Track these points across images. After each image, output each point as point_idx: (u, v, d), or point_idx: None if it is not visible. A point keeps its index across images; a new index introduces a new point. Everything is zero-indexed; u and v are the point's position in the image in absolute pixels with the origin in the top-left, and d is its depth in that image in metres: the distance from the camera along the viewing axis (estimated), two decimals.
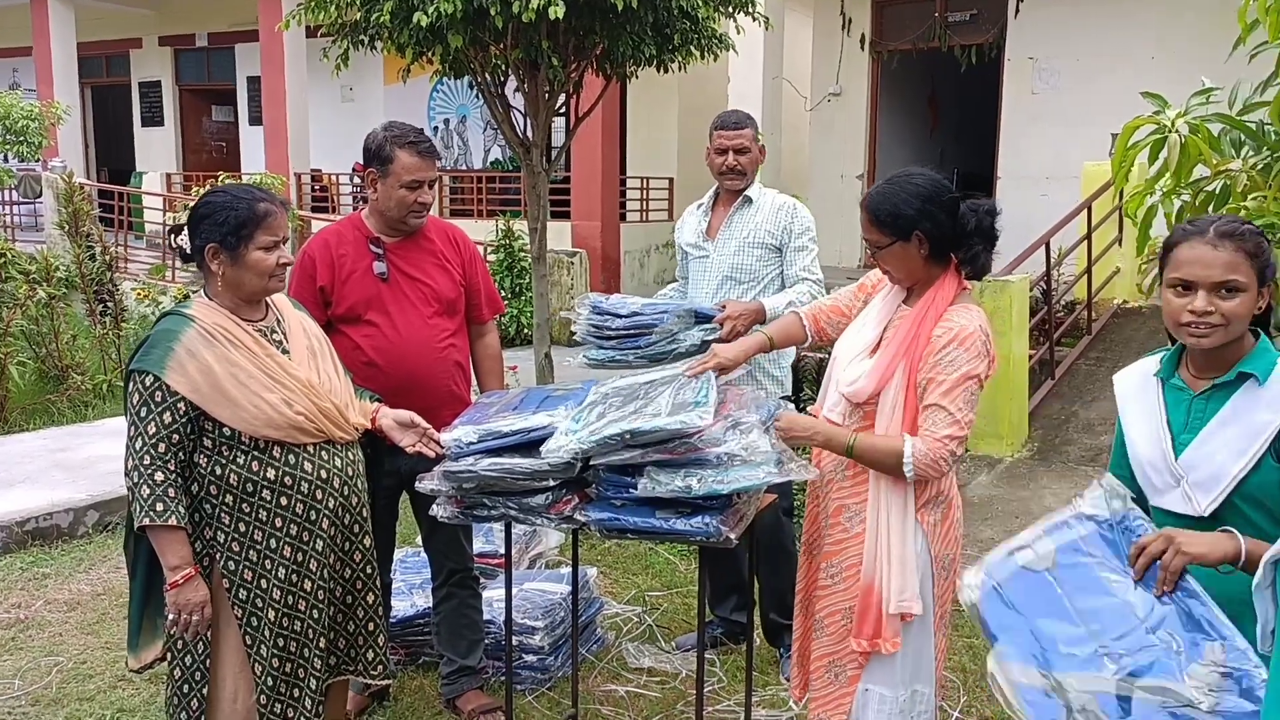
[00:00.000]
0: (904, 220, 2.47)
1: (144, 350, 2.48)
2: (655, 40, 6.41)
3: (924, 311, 2.49)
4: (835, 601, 2.59)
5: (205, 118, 17.95)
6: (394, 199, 3.23)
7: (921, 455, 2.39)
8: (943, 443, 2.39)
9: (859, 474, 2.55)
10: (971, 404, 2.42)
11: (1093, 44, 10.27)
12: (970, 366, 2.40)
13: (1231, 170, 3.00)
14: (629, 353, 3.23)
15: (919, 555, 2.48)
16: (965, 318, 2.45)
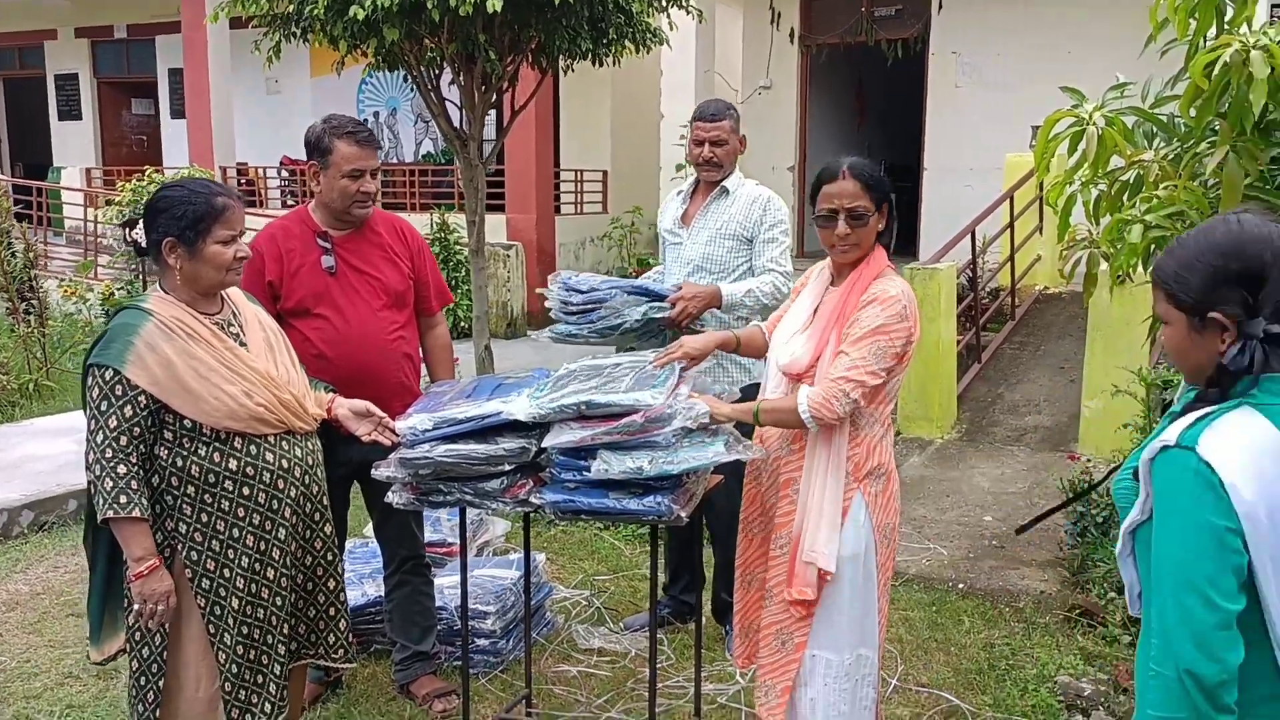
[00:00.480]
0: (885, 190, 2.69)
1: (102, 345, 2.49)
2: (591, 34, 6.49)
3: (851, 285, 2.66)
4: (784, 569, 2.70)
5: (125, 111, 17.52)
6: (336, 189, 3.26)
7: (815, 396, 2.53)
8: (836, 383, 2.52)
9: (802, 447, 2.67)
10: (878, 356, 2.54)
11: (1013, 40, 10.58)
12: (883, 322, 2.55)
13: (1144, 161, 3.16)
14: (584, 327, 3.33)
15: (861, 525, 2.61)
16: (889, 285, 2.62)
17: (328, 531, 2.80)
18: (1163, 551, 1.59)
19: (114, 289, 9.40)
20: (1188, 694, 1.53)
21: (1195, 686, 1.53)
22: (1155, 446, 1.64)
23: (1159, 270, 1.73)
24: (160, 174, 10.39)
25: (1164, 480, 1.61)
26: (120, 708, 3.55)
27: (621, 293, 3.37)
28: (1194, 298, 1.66)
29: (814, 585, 2.60)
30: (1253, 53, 2.78)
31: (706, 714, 3.49)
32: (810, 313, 2.76)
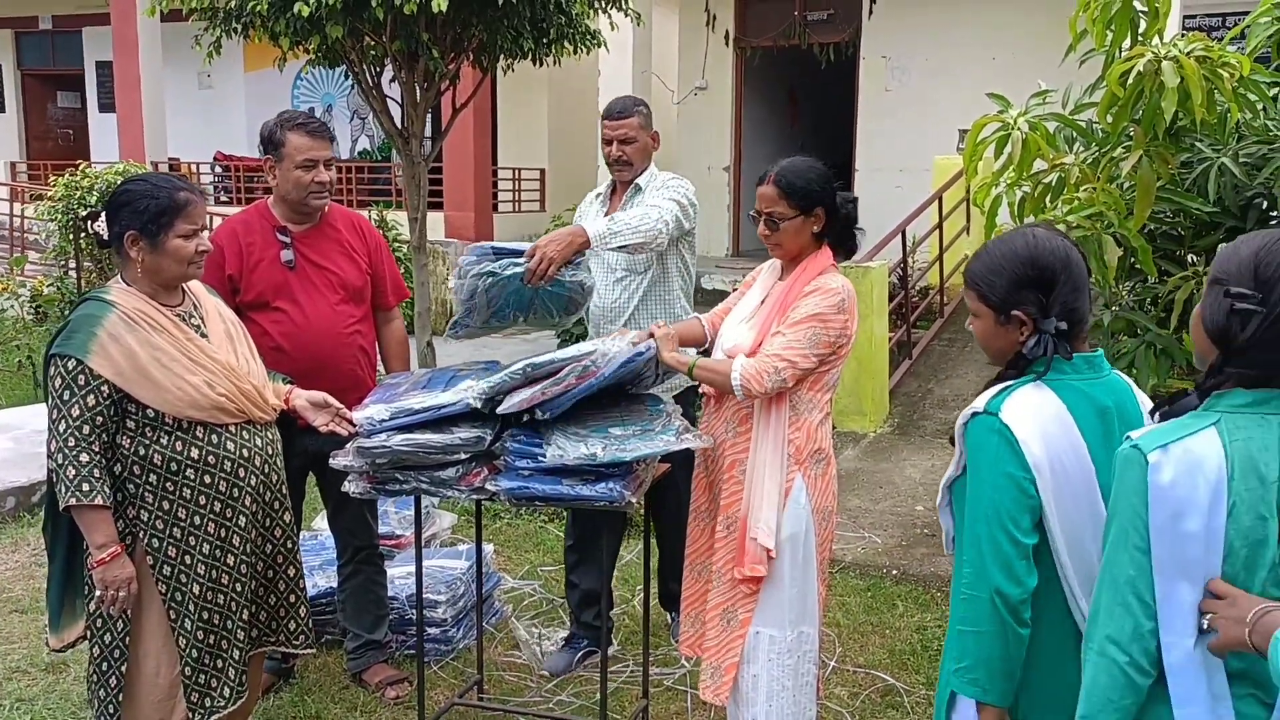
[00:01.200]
0: (812, 197, 2.78)
1: (65, 335, 2.53)
2: (532, 34, 6.58)
3: (796, 278, 2.81)
4: (730, 550, 2.83)
5: (50, 104, 17.12)
6: (291, 181, 3.32)
7: (748, 368, 2.67)
8: (769, 359, 2.67)
9: (748, 430, 2.80)
10: (812, 342, 2.69)
11: (940, 46, 10.87)
12: (820, 310, 2.70)
13: (1065, 164, 3.35)
14: (473, 316, 3.15)
15: (801, 506, 2.75)
16: (831, 279, 2.77)
17: (287, 520, 2.86)
18: (975, 496, 1.88)
19: (45, 286, 9.22)
20: (996, 610, 1.83)
21: (1003, 604, 1.83)
22: (967, 413, 1.93)
23: (970, 272, 2.02)
24: (89, 168, 10.19)
25: (974, 439, 1.91)
26: (71, 700, 3.55)
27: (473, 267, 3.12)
28: (999, 297, 1.96)
29: (765, 562, 2.72)
30: (1164, 63, 2.98)
31: (653, 696, 3.61)
32: (758, 304, 2.90)
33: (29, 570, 4.70)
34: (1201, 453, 1.59)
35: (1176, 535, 1.59)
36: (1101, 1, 3.29)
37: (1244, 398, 1.62)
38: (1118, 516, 1.65)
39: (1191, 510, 1.58)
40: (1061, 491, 1.85)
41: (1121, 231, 3.11)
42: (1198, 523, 1.57)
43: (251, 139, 15.25)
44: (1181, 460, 1.59)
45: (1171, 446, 1.60)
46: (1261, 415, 1.61)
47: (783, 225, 2.79)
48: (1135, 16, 3.32)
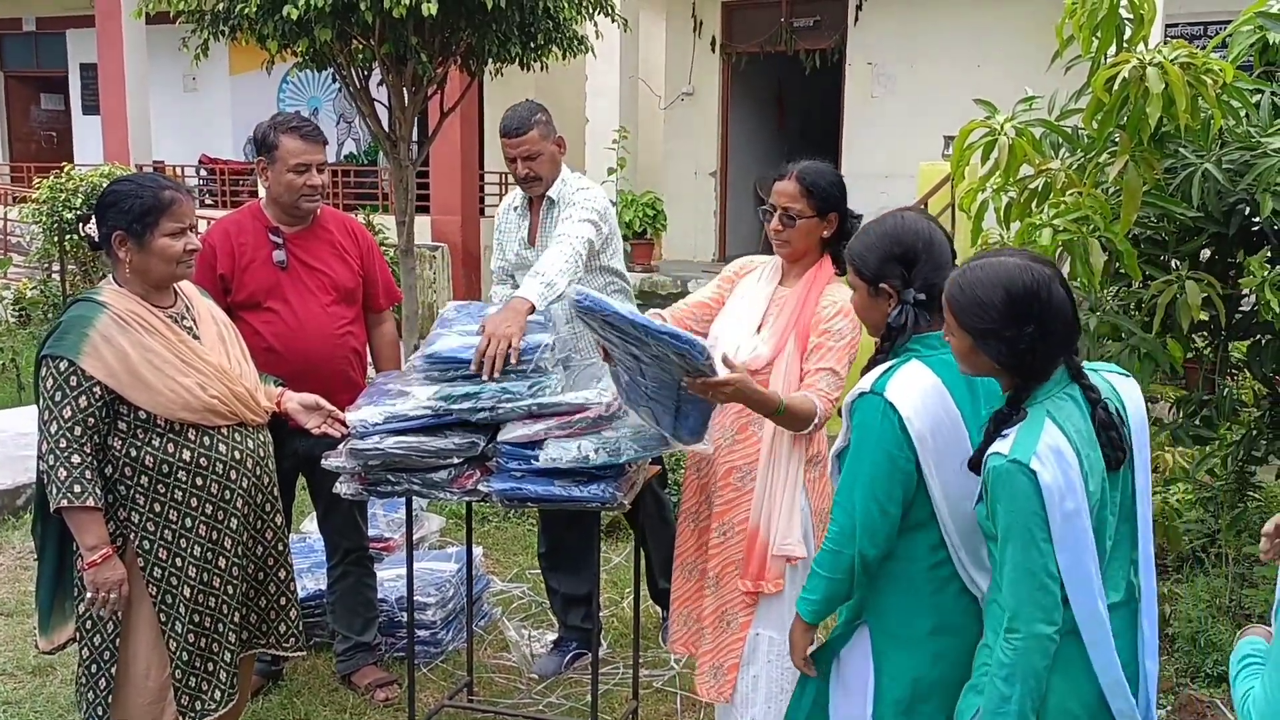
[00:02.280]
0: (830, 200, 2.78)
1: (57, 336, 2.52)
2: (520, 39, 6.59)
3: (808, 288, 2.78)
4: (728, 555, 2.83)
5: (34, 106, 17.02)
6: (283, 183, 3.33)
7: (822, 414, 2.68)
8: (834, 403, 2.69)
9: (747, 438, 2.80)
10: (847, 367, 2.72)
11: (925, 52, 10.94)
12: (853, 335, 2.71)
13: (1052, 169, 3.39)
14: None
15: (802, 508, 2.77)
16: (845, 294, 2.75)
17: (278, 522, 2.86)
18: (854, 468, 2.15)
19: (29, 289, 9.18)
20: (853, 566, 2.15)
21: (860, 563, 2.14)
22: (855, 392, 2.17)
23: (850, 251, 2.32)
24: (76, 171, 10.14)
25: (860, 416, 2.14)
26: (58, 703, 3.54)
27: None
28: (871, 271, 2.25)
29: (784, 577, 2.72)
30: (1149, 69, 3.02)
31: (643, 697, 3.62)
32: (760, 313, 2.85)
33: (14, 573, 4.68)
34: (1057, 444, 1.90)
35: (1065, 516, 1.89)
36: (1088, 8, 3.33)
37: (1050, 388, 1.98)
38: (1017, 523, 1.90)
39: (1069, 493, 1.89)
40: (942, 456, 2.10)
41: (1107, 236, 3.15)
42: (1075, 501, 1.90)
43: (237, 142, 15.23)
44: (1051, 458, 1.89)
45: (1039, 450, 1.89)
46: (1064, 393, 1.98)
47: (798, 223, 2.77)
48: (1121, 23, 3.37)
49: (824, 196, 2.77)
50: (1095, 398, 1.98)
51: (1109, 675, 1.97)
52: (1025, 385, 1.98)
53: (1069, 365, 2.00)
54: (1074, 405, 1.97)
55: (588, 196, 3.53)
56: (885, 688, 2.21)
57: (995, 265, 1.97)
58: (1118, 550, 2.03)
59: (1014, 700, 1.93)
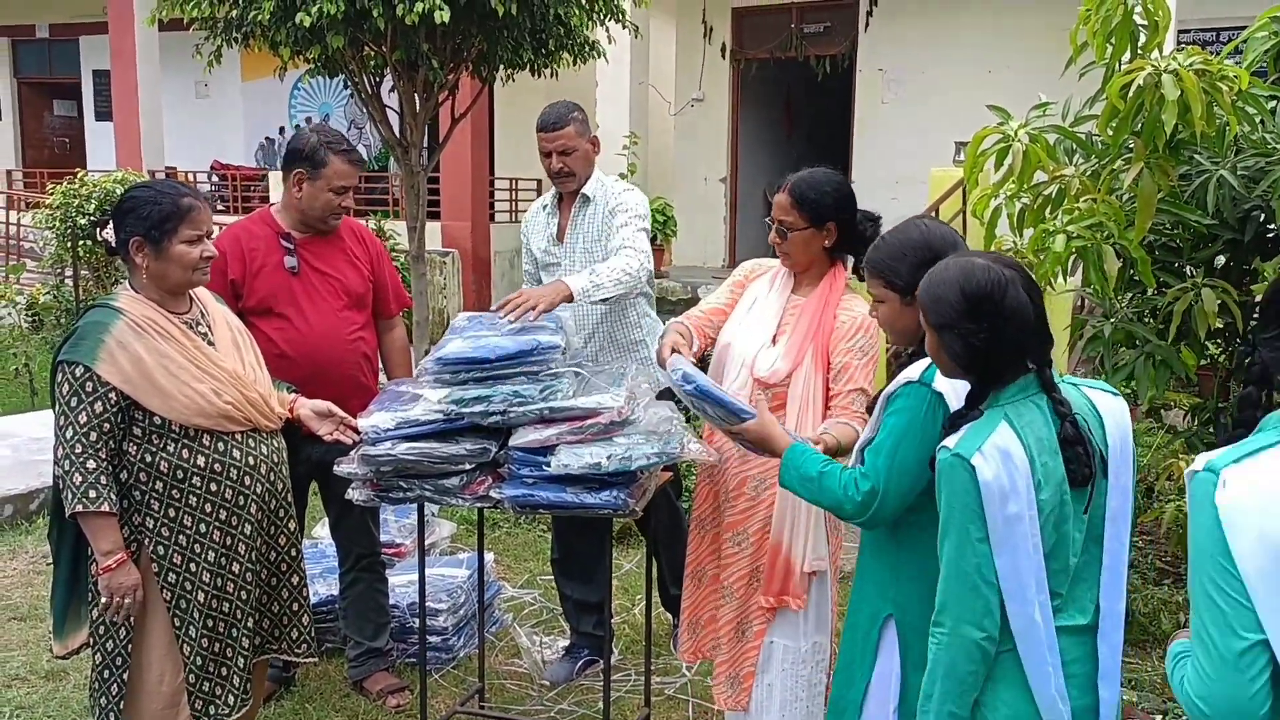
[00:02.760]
0: (824, 209, 2.75)
1: (72, 342, 2.53)
2: (531, 45, 6.60)
3: (823, 300, 2.76)
4: (743, 565, 2.82)
5: (47, 112, 17.11)
6: (320, 201, 3.37)
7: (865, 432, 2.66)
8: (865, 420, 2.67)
9: None
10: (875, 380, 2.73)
11: (936, 59, 10.92)
12: (875, 350, 2.71)
13: (1065, 176, 3.37)
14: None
15: (819, 519, 2.76)
16: (860, 305, 2.74)
17: (291, 528, 2.87)
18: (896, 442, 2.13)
19: (42, 294, 9.21)
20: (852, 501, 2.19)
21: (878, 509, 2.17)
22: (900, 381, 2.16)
23: (872, 262, 2.30)
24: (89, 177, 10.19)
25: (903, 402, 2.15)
26: (71, 707, 3.55)
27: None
28: (904, 281, 2.21)
29: (808, 594, 2.72)
30: (1164, 76, 3.01)
31: (655, 705, 3.61)
32: (775, 323, 2.83)
33: (27, 578, 4.69)
34: (1006, 445, 1.86)
35: (1006, 519, 1.85)
36: (1102, 15, 3.32)
37: (1011, 391, 1.94)
38: (955, 516, 1.88)
39: (1013, 496, 1.85)
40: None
41: (1121, 242, 3.13)
42: (1018, 505, 1.85)
43: (249, 148, 15.30)
44: (996, 457, 1.85)
45: (985, 448, 1.85)
46: (1027, 399, 1.93)
47: (791, 235, 2.77)
48: (1135, 30, 3.36)
49: (815, 207, 2.74)
50: (1064, 411, 1.93)
51: (1044, 693, 1.91)
52: (981, 385, 1.97)
53: (1040, 376, 1.96)
54: (1039, 414, 1.93)
55: (637, 200, 3.61)
56: (911, 679, 2.18)
57: (959, 263, 1.98)
58: (1085, 571, 1.99)
59: (934, 700, 1.92)
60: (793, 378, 2.72)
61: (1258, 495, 1.50)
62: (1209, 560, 1.53)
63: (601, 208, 3.65)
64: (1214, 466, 1.56)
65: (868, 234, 2.78)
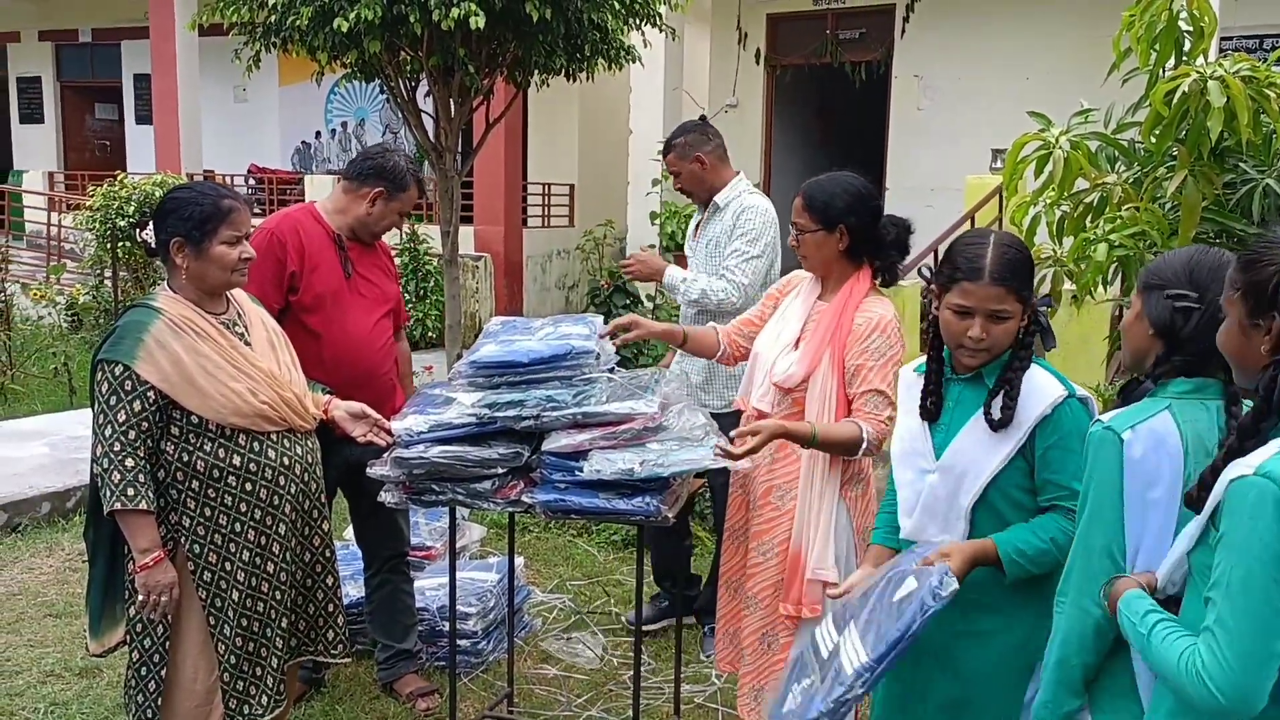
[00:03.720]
0: (834, 212, 2.75)
1: (112, 341, 2.56)
2: (566, 50, 6.61)
3: (843, 303, 2.75)
4: (768, 576, 2.80)
5: (88, 115, 17.34)
6: (387, 220, 3.48)
7: (873, 437, 2.64)
8: (886, 424, 2.65)
9: (786, 456, 2.77)
10: (892, 385, 2.68)
11: (973, 65, 10.84)
12: (894, 351, 2.68)
13: (1107, 183, 3.33)
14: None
15: (843, 528, 2.73)
16: (882, 307, 2.72)
17: (326, 529, 2.88)
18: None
19: (81, 294, 9.33)
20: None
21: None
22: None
23: (1002, 279, 2.18)
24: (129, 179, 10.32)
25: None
26: (104, 705, 3.58)
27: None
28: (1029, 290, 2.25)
29: (821, 603, 2.68)
30: (1210, 83, 2.96)
31: (684, 713, 3.59)
32: (798, 328, 2.84)
33: (62, 575, 4.74)
34: (1163, 431, 1.81)
35: (1145, 503, 1.80)
36: (1146, 20, 3.28)
37: (1185, 385, 1.86)
38: (1094, 489, 1.84)
39: (1158, 481, 1.80)
40: None
41: (1165, 251, 3.08)
42: (1161, 491, 1.80)
43: (285, 152, 15.44)
44: (1148, 438, 1.80)
45: (1139, 426, 1.81)
46: (1201, 401, 1.86)
47: (803, 238, 2.79)
48: (1180, 36, 3.31)
49: (825, 210, 2.75)
50: (1235, 424, 1.76)
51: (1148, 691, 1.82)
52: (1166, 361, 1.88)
53: (1226, 386, 1.84)
54: (1206, 416, 1.83)
55: (751, 226, 3.86)
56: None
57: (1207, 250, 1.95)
58: None
59: (1049, 666, 1.91)
60: (810, 382, 2.71)
61: None
62: (1264, 567, 1.53)
63: (727, 218, 3.94)
64: (1273, 474, 1.53)
65: (890, 238, 2.77)
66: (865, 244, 2.79)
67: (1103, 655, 1.86)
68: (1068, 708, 1.89)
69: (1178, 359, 1.87)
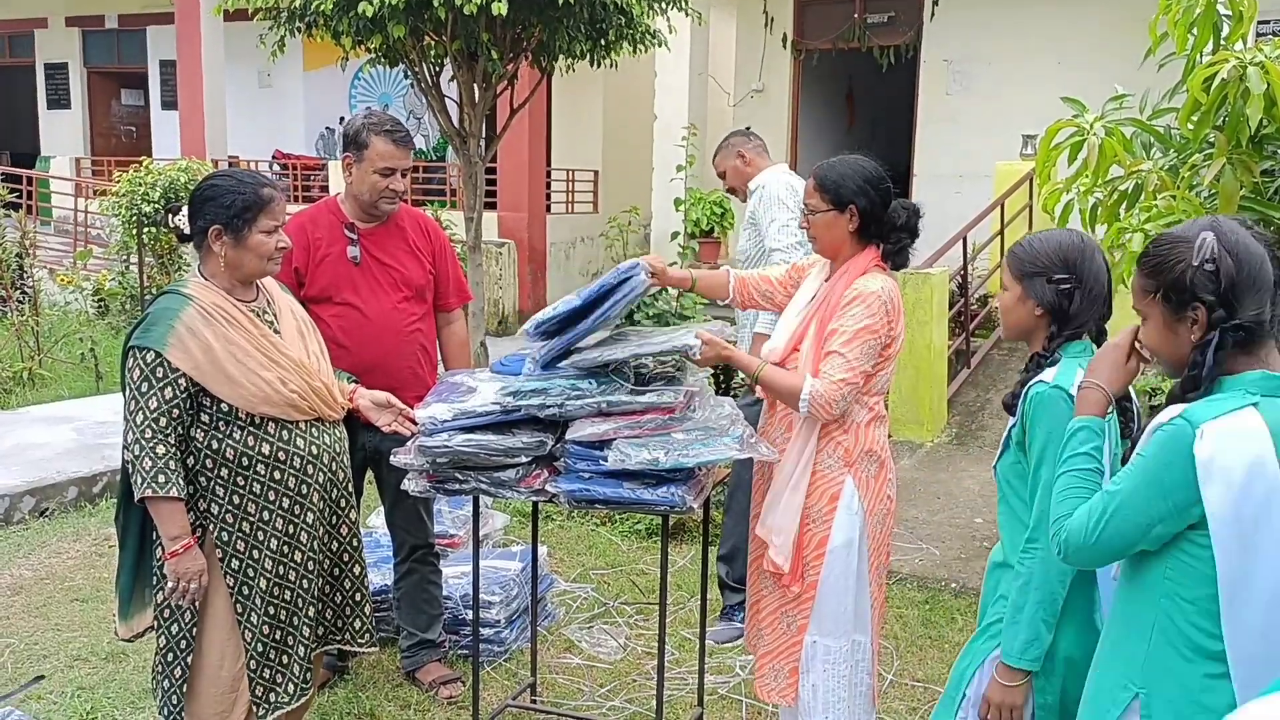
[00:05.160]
0: (844, 192, 2.75)
1: (144, 327, 2.55)
2: (590, 35, 6.57)
3: (837, 279, 2.77)
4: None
5: (114, 101, 17.43)
6: (367, 184, 3.35)
7: (818, 394, 2.64)
8: (837, 386, 2.64)
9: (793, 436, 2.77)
10: (867, 356, 2.67)
11: (1003, 49, 10.71)
12: (870, 321, 2.66)
13: (1143, 171, 3.27)
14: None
15: (854, 512, 2.71)
16: (871, 283, 2.71)
17: (353, 518, 2.87)
18: None
19: (108, 280, 9.38)
20: None
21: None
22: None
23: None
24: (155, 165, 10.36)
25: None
26: (130, 689, 3.60)
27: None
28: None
29: (785, 558, 2.73)
30: (1249, 69, 2.89)
31: (708, 704, 3.57)
32: (806, 302, 2.87)
33: (89, 560, 4.77)
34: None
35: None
36: (1184, 5, 3.21)
37: (1079, 346, 2.15)
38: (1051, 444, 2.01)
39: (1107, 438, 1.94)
40: None
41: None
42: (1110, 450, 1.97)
43: (310, 137, 15.46)
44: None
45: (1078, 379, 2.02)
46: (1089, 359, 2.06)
47: (814, 219, 2.80)
48: (1219, 20, 3.24)
49: (836, 190, 2.76)
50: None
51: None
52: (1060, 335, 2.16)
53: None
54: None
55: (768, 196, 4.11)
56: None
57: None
58: None
59: (1025, 611, 2.04)
60: (800, 353, 2.74)
61: (1231, 452, 1.67)
62: (1160, 488, 1.71)
63: (753, 199, 4.21)
64: (1192, 419, 1.71)
65: (900, 222, 2.78)
66: (875, 225, 2.77)
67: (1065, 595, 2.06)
68: (1047, 641, 2.05)
69: (1067, 331, 2.15)
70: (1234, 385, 1.75)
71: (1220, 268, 1.74)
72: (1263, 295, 1.75)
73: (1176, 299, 1.78)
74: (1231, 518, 1.67)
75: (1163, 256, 1.80)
